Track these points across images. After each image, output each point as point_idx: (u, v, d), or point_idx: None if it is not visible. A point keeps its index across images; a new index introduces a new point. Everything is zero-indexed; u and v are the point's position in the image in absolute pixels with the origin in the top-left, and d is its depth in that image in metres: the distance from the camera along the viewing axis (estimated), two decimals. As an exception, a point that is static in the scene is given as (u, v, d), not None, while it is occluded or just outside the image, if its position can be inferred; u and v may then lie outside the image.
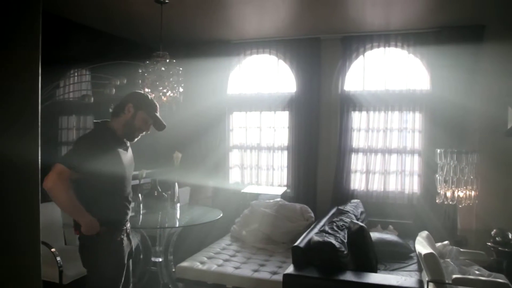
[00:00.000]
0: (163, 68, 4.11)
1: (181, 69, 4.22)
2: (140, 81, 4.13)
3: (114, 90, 4.54)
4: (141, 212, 4.10)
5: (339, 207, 4.61)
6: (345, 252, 3.25)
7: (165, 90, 4.09)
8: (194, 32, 5.47)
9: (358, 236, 3.52)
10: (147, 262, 4.10)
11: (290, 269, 3.20)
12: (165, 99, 4.10)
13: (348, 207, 4.55)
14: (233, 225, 4.93)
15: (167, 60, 4.14)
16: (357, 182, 5.36)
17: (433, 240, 3.73)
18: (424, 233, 3.72)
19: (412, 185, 5.19)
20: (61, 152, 4.95)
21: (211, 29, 5.37)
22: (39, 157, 1.06)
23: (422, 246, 3.29)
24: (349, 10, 4.58)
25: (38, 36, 0.95)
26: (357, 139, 5.35)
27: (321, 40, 5.44)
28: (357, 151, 5.36)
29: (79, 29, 4.91)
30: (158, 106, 2.72)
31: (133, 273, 4.12)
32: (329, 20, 4.91)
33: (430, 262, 3.08)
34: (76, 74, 5.10)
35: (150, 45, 5.46)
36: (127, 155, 2.68)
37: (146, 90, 4.10)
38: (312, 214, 4.82)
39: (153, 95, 4.07)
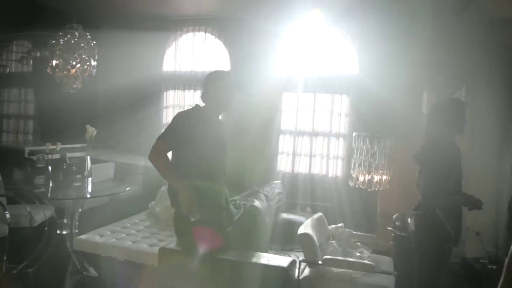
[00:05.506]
0: (72, 41, 4.06)
1: (94, 42, 4.17)
2: (48, 52, 4.08)
3: (31, 61, 4.51)
4: (50, 184, 4.11)
5: (256, 188, 4.60)
6: (228, 230, 3.25)
7: (74, 63, 4.06)
8: (129, 5, 5.36)
9: (248, 216, 3.52)
10: (53, 234, 4.11)
11: (171, 245, 3.21)
12: (74, 71, 4.07)
13: (266, 188, 4.53)
14: (152, 201, 4.93)
15: (76, 33, 4.09)
16: (283, 164, 5.37)
17: (325, 221, 3.77)
18: (318, 214, 3.76)
19: (336, 169, 5.21)
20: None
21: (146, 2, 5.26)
22: None
23: (304, 227, 3.31)
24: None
25: None
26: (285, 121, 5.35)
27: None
28: (284, 132, 5.37)
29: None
30: (226, 72, 3.08)
31: (41, 244, 4.19)
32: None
33: (304, 242, 3.11)
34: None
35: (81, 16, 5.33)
36: (218, 134, 2.95)
37: (55, 62, 4.06)
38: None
39: (61, 66, 4.04)
